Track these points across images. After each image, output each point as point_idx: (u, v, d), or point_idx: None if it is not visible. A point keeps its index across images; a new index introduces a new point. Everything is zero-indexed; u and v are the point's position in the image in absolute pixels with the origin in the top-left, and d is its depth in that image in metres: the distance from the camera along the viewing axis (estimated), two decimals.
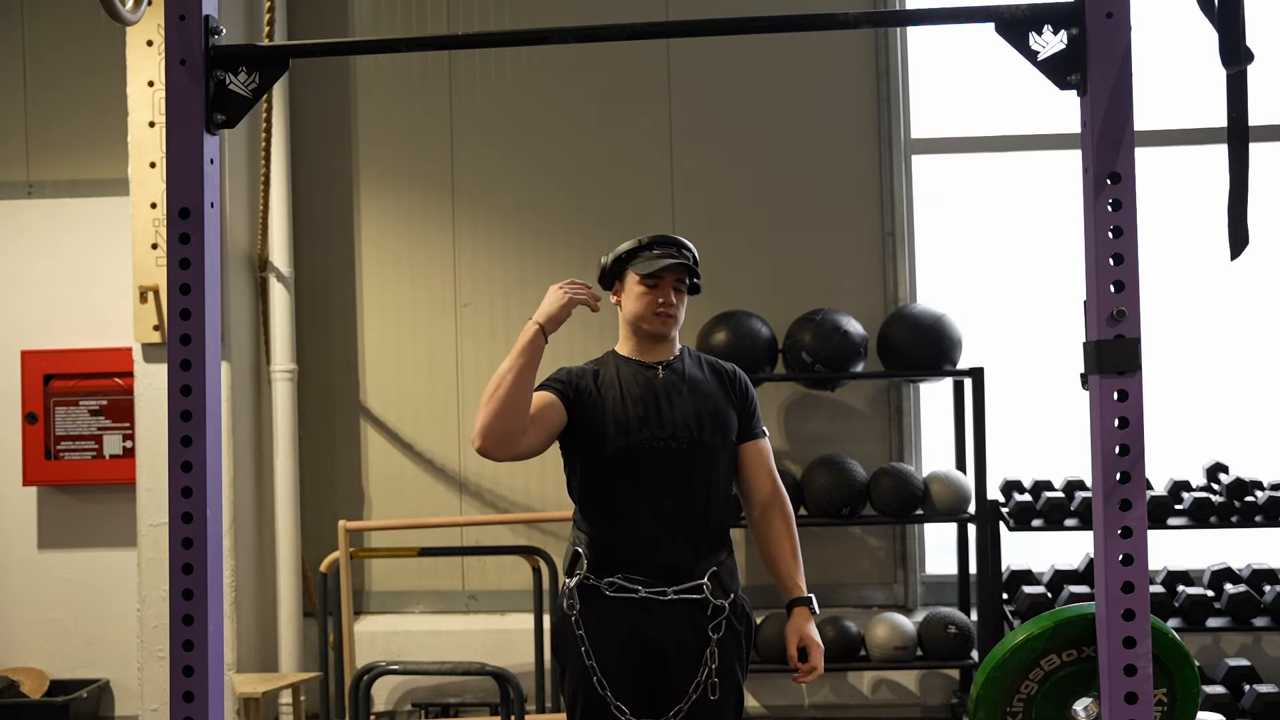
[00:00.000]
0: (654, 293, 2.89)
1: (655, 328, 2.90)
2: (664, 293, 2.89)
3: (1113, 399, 1.97)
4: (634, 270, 2.90)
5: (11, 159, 5.60)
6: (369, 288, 5.53)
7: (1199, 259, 5.23)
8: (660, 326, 2.90)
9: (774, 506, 2.96)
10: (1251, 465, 4.95)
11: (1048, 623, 2.15)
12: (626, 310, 2.94)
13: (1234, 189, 1.97)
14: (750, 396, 2.98)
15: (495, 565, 5.42)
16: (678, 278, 2.91)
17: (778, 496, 2.97)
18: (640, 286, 2.89)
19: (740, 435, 2.94)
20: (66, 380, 5.45)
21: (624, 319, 2.97)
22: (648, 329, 2.91)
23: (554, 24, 3.94)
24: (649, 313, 2.89)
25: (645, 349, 2.94)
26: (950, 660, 4.90)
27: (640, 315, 2.90)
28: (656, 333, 2.91)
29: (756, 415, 2.99)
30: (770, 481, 2.97)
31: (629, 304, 2.93)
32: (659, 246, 2.91)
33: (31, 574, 5.52)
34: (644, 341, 2.94)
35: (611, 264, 2.96)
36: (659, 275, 2.88)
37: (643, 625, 2.77)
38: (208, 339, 2.09)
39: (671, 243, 2.93)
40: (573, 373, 2.92)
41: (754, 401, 2.99)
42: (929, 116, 5.48)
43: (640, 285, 2.89)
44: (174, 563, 2.07)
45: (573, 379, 2.90)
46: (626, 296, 2.94)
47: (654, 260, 2.87)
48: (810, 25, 2.24)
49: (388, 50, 4.67)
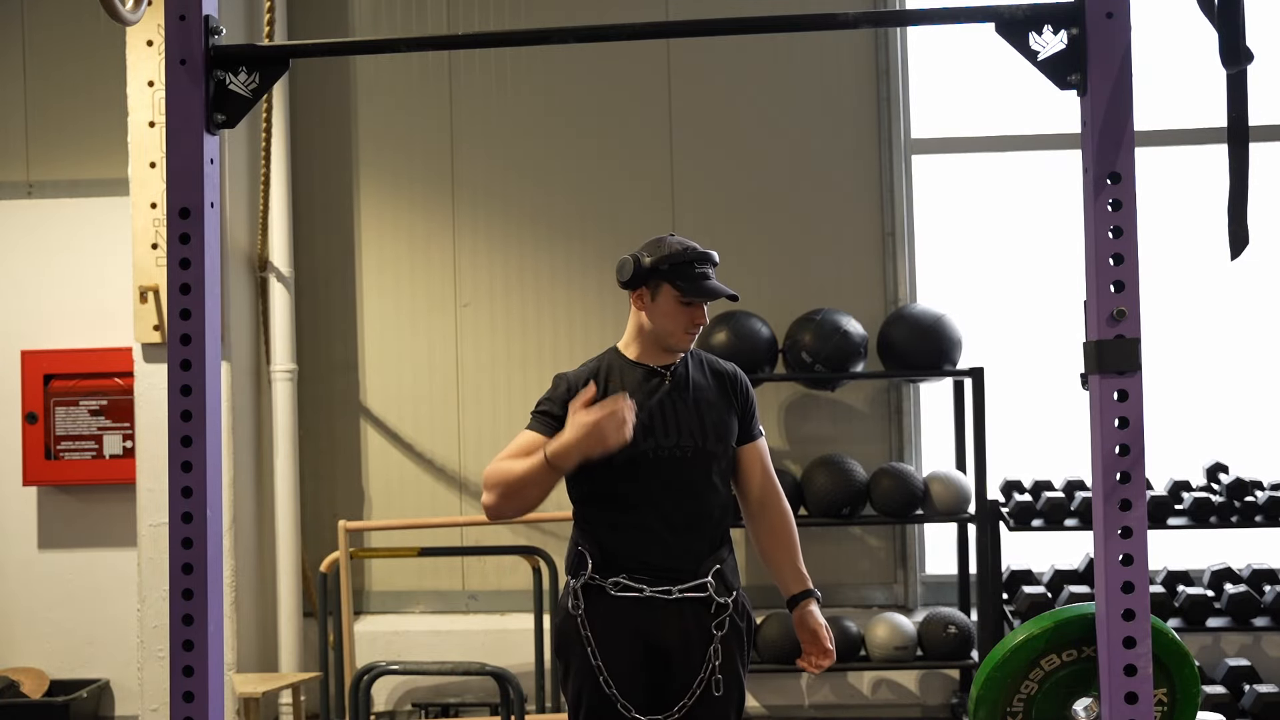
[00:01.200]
0: (690, 311, 2.84)
1: (683, 345, 2.87)
2: (699, 314, 2.85)
3: (1113, 399, 1.97)
4: (677, 288, 2.82)
5: (11, 159, 5.61)
6: (369, 288, 5.53)
7: (1199, 259, 5.23)
8: (688, 344, 2.88)
9: (770, 504, 2.96)
10: (1251, 465, 4.95)
11: (1048, 623, 2.15)
12: (655, 323, 2.86)
13: (1234, 189, 1.97)
14: (750, 399, 2.98)
15: (495, 565, 5.42)
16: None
17: (774, 494, 2.97)
18: (677, 304, 2.83)
19: (740, 438, 2.94)
20: (66, 380, 5.45)
21: (643, 325, 2.88)
22: (673, 345, 2.87)
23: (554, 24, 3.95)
24: (680, 331, 2.85)
25: (653, 354, 2.89)
26: (950, 660, 4.90)
27: (670, 332, 2.85)
28: (681, 349, 2.89)
29: (755, 417, 2.99)
30: (767, 480, 2.97)
31: (659, 318, 2.85)
32: (699, 264, 2.84)
33: (31, 574, 5.52)
34: (654, 348, 2.89)
35: (647, 270, 2.84)
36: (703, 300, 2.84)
37: (648, 624, 2.77)
38: (208, 339, 2.09)
39: (711, 260, 2.87)
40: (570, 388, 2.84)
41: (753, 403, 2.99)
42: (929, 116, 5.48)
43: (677, 302, 2.83)
44: (174, 563, 2.07)
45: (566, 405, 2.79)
46: (656, 308, 2.85)
47: (700, 284, 2.82)
48: (810, 25, 2.24)
49: (388, 50, 4.67)
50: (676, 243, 2.85)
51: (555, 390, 2.87)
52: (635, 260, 2.85)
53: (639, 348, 2.91)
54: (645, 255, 2.85)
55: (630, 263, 2.86)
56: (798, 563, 2.96)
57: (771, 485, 2.97)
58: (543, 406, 2.85)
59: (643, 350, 2.90)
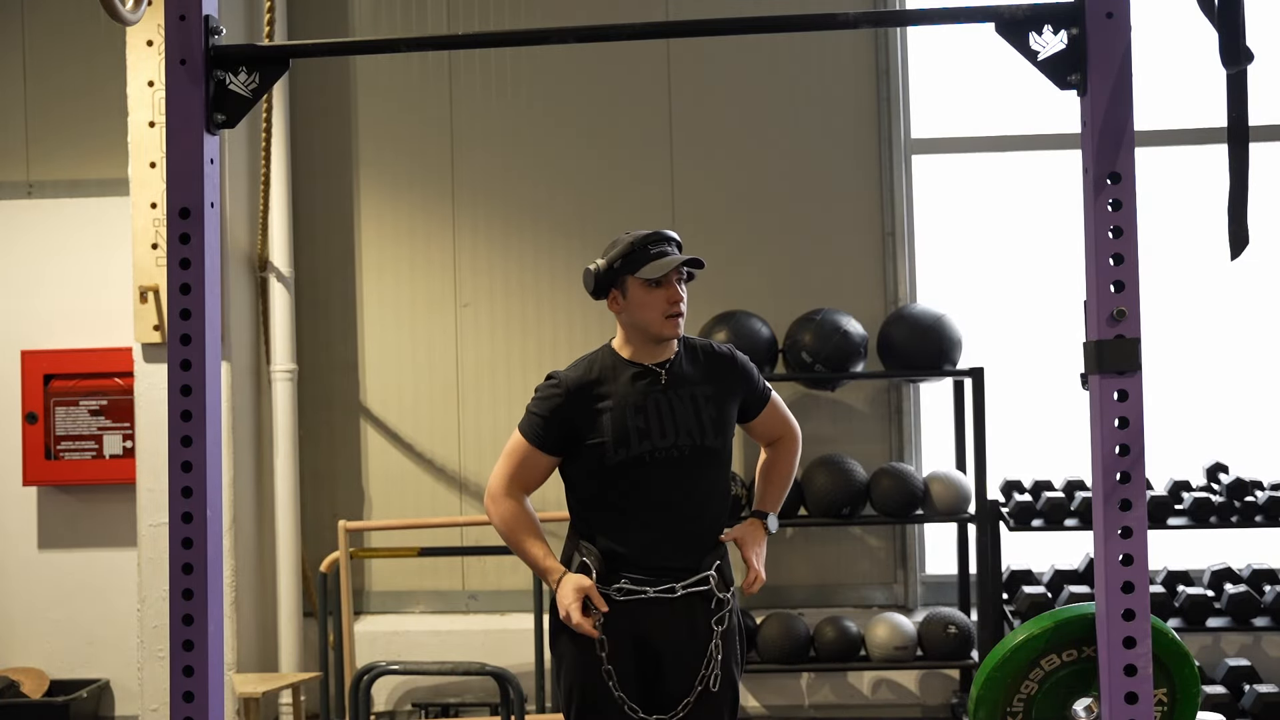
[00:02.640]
0: (663, 291, 2.78)
1: (669, 332, 2.81)
2: (672, 290, 2.79)
3: (1113, 399, 1.97)
4: (639, 276, 2.78)
5: (11, 159, 5.60)
6: (369, 288, 5.53)
7: (1199, 259, 5.23)
8: (674, 330, 2.81)
9: (785, 438, 3.05)
10: (1251, 465, 4.95)
11: (1048, 623, 2.15)
12: (634, 317, 2.82)
13: (1234, 189, 1.97)
14: (750, 371, 2.96)
15: (495, 565, 5.42)
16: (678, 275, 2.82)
17: (789, 436, 3.05)
18: (647, 289, 2.78)
19: (753, 410, 2.97)
20: (66, 380, 5.45)
21: (627, 324, 2.85)
22: (660, 334, 2.81)
23: (554, 24, 3.95)
24: (661, 316, 2.78)
25: (646, 351, 2.86)
26: (950, 660, 4.90)
27: (652, 321, 2.79)
28: (669, 337, 2.83)
29: (757, 380, 2.97)
30: (785, 426, 3.05)
31: (637, 311, 2.80)
32: (654, 245, 2.80)
33: (31, 574, 5.51)
34: (646, 345, 2.85)
35: (606, 272, 2.82)
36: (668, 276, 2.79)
37: (652, 626, 2.77)
38: (208, 339, 2.09)
39: (665, 238, 2.83)
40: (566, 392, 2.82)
41: (754, 373, 2.97)
42: (929, 116, 5.48)
43: (646, 288, 2.78)
44: (174, 563, 2.07)
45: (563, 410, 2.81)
46: (631, 304, 2.81)
47: (659, 261, 2.77)
48: (810, 25, 2.24)
49: (388, 50, 4.68)
50: (628, 235, 2.83)
51: (548, 389, 2.85)
52: (594, 269, 2.84)
53: (631, 348, 2.87)
54: (601, 260, 2.84)
55: (590, 274, 2.85)
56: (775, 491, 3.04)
57: (788, 429, 3.05)
58: (534, 408, 2.85)
59: (635, 349, 2.87)
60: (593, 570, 2.78)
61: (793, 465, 3.07)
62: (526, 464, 2.84)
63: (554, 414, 2.81)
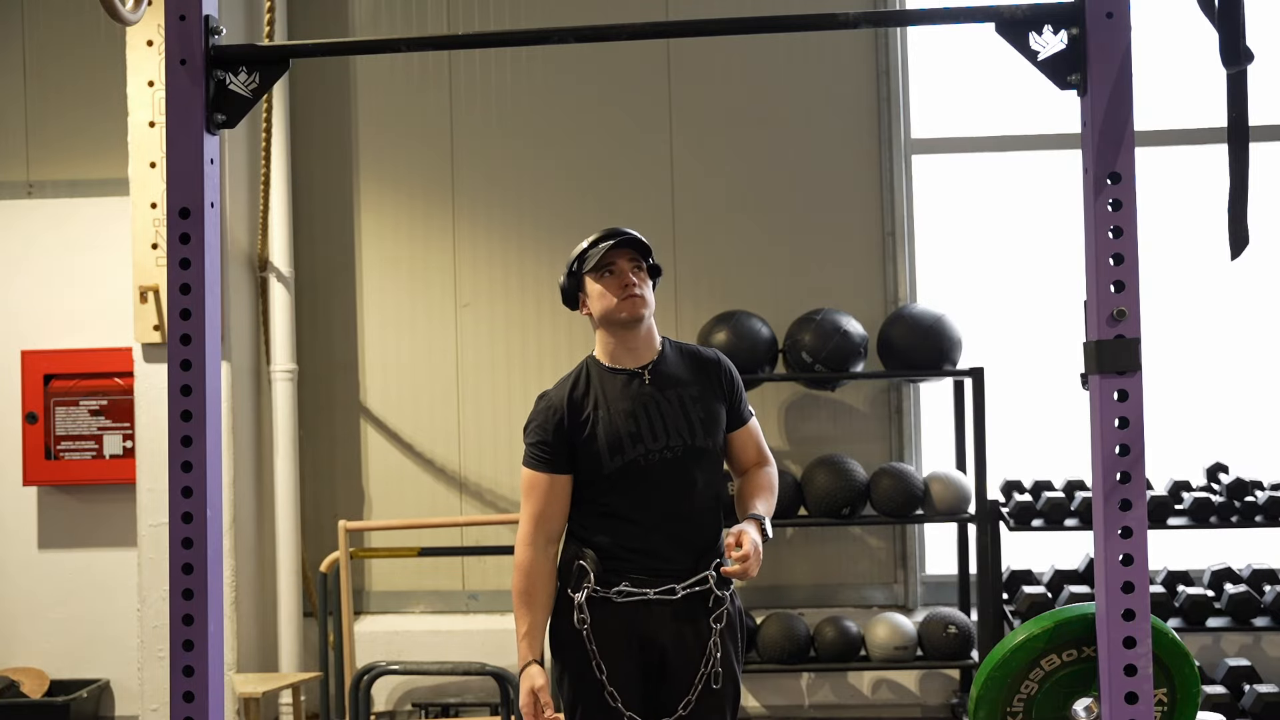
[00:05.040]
0: (614, 278, 2.82)
1: (628, 312, 2.81)
2: (622, 275, 2.83)
3: (1113, 399, 1.97)
4: (589, 271, 2.85)
5: (11, 159, 5.60)
6: (369, 288, 5.53)
7: (1199, 259, 5.23)
8: (632, 309, 2.81)
9: (760, 465, 3.00)
10: (1251, 465, 4.95)
11: (1048, 623, 2.15)
12: (597, 312, 2.86)
13: (1234, 189, 1.97)
14: (736, 384, 2.96)
15: (495, 565, 5.42)
16: (633, 261, 2.86)
17: (765, 459, 3.01)
18: (600, 280, 2.83)
19: (730, 424, 2.93)
20: (66, 380, 5.45)
21: (598, 324, 2.89)
22: (621, 316, 2.82)
23: (554, 23, 3.95)
24: (615, 301, 2.81)
25: (625, 353, 2.87)
26: (950, 660, 4.90)
27: (609, 307, 2.82)
28: (632, 318, 2.82)
29: (743, 400, 2.97)
30: (761, 458, 3.00)
31: (596, 304, 2.85)
32: (602, 240, 2.85)
33: (31, 574, 5.52)
34: (623, 344, 2.86)
35: (568, 280, 2.91)
36: (610, 259, 2.83)
37: (653, 627, 2.78)
38: (208, 339, 2.09)
39: (614, 232, 2.87)
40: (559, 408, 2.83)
41: (740, 388, 2.97)
42: (929, 116, 5.48)
43: (599, 279, 2.83)
44: (174, 563, 2.07)
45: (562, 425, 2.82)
46: (592, 299, 2.86)
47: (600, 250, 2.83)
48: (810, 25, 2.24)
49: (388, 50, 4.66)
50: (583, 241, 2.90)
51: (539, 416, 2.87)
52: (561, 283, 2.95)
53: (609, 350, 2.89)
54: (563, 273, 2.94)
55: (560, 290, 2.96)
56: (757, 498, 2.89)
57: (764, 457, 3.00)
58: (531, 438, 2.86)
59: (613, 353, 2.88)
60: (590, 574, 2.79)
61: (774, 481, 2.97)
62: (546, 496, 2.82)
63: (555, 431, 2.82)
